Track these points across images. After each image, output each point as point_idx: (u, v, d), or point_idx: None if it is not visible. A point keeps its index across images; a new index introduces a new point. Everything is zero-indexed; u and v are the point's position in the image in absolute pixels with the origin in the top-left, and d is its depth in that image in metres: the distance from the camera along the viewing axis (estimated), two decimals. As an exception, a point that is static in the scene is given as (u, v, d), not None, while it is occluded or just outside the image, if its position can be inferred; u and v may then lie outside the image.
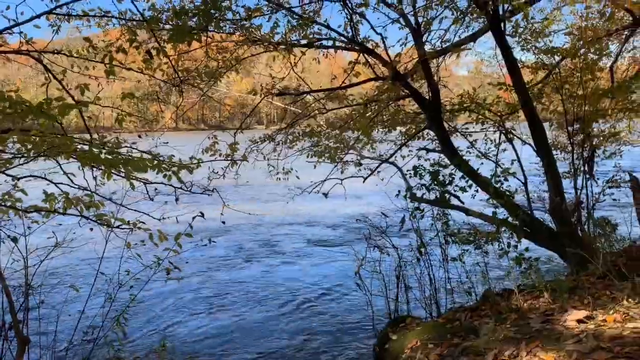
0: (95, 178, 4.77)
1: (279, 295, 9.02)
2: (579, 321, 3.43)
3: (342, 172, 8.18)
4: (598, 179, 7.16)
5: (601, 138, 7.65)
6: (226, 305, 8.54)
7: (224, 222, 5.65)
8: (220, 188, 5.53)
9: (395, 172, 7.57)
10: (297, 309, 8.32)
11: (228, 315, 8.09)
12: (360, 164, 8.23)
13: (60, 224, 4.16)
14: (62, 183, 4.27)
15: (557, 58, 7.31)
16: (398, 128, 8.34)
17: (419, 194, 6.41)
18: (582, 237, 5.99)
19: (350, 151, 8.13)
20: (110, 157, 3.24)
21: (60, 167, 4.41)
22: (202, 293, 9.18)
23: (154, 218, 4.59)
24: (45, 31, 5.97)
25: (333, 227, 14.71)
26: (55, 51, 5.59)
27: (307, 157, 7.98)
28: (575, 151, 6.78)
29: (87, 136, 4.32)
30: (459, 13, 6.46)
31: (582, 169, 6.78)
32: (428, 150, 7.38)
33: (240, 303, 8.64)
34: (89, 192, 4.12)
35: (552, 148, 6.73)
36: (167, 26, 5.27)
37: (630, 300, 3.54)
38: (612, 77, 9.81)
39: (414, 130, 8.02)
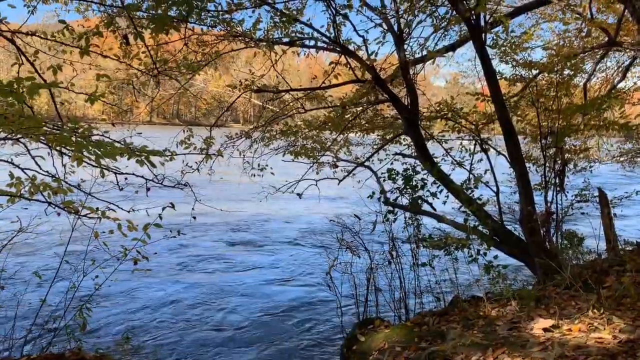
0: (64, 166, 4.64)
1: (247, 293, 8.94)
2: (545, 330, 3.48)
3: (317, 174, 8.16)
4: (567, 192, 7.30)
5: (572, 153, 7.81)
6: (192, 302, 8.41)
7: (194, 218, 5.57)
8: (193, 183, 5.45)
9: (370, 176, 7.58)
10: (266, 307, 8.25)
11: (194, 311, 7.97)
12: (336, 166, 8.22)
13: (26, 208, 4.03)
14: (29, 169, 4.14)
15: (534, 72, 7.44)
16: (375, 132, 8.37)
17: (392, 197, 6.43)
18: (550, 248, 6.08)
19: (327, 153, 8.11)
20: (81, 140, 3.14)
21: (29, 151, 4.28)
22: (169, 288, 9.03)
23: (123, 209, 4.48)
24: (20, 13, 5.82)
25: (306, 227, 14.68)
26: (30, 33, 5.44)
27: (283, 155, 7.94)
28: (547, 164, 6.90)
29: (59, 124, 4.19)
30: (439, 20, 6.51)
31: (553, 182, 6.90)
32: (404, 156, 7.41)
33: (206, 300, 8.53)
34: (57, 179, 4.01)
35: (525, 160, 6.84)
36: (147, 15, 5.16)
37: (595, 311, 3.60)
38: (585, 95, 10.05)
39: (391, 135, 8.05)
